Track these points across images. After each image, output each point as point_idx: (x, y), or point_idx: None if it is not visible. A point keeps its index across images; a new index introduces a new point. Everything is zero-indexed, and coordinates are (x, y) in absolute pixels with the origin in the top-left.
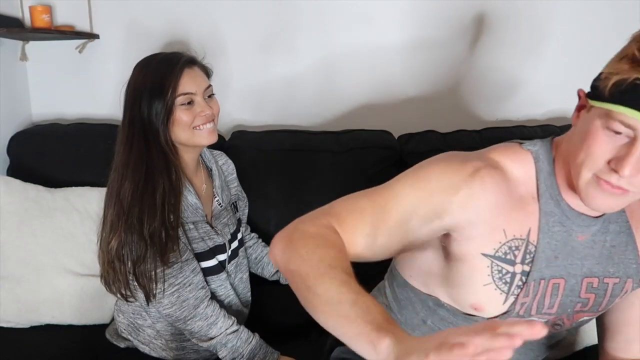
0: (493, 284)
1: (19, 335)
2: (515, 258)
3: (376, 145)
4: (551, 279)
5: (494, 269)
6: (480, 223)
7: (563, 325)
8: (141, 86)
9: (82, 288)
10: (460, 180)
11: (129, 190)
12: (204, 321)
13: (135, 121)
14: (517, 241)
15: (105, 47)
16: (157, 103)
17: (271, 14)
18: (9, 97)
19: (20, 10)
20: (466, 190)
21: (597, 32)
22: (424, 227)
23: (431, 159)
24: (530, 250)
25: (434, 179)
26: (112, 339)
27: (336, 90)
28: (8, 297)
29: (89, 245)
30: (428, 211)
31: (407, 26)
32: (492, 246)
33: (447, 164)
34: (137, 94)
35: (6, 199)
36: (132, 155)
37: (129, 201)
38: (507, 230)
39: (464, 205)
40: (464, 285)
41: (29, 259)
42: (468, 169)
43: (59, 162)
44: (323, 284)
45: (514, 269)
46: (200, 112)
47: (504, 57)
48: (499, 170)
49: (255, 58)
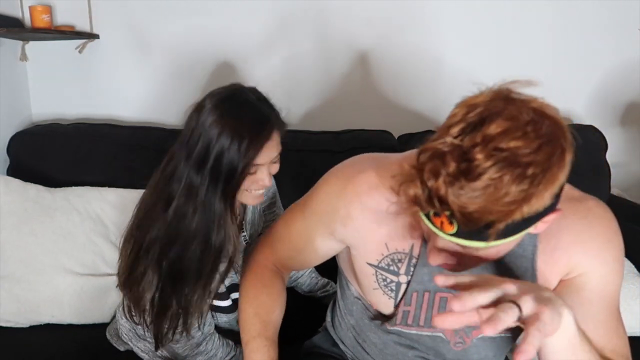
0: (380, 290)
1: (18, 335)
2: (399, 269)
3: (376, 145)
4: (437, 292)
5: (378, 277)
6: (361, 237)
7: (464, 342)
8: (220, 137)
9: (82, 288)
10: (339, 202)
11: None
12: (203, 356)
13: (205, 169)
14: (399, 254)
15: (105, 47)
16: (229, 164)
17: (270, 13)
18: (9, 97)
19: (20, 10)
20: (343, 210)
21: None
22: (326, 242)
23: (325, 176)
24: (413, 263)
25: (320, 201)
26: (112, 340)
27: (336, 90)
28: (8, 296)
29: (88, 245)
30: (322, 231)
31: (409, 28)
32: (375, 257)
33: (330, 185)
34: (212, 142)
35: (6, 199)
36: (190, 202)
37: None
38: (389, 244)
39: (344, 224)
40: (362, 285)
41: (28, 259)
42: (348, 191)
43: (59, 162)
44: (249, 345)
45: (399, 279)
46: (258, 181)
47: (504, 56)
48: (385, 187)
49: (255, 58)
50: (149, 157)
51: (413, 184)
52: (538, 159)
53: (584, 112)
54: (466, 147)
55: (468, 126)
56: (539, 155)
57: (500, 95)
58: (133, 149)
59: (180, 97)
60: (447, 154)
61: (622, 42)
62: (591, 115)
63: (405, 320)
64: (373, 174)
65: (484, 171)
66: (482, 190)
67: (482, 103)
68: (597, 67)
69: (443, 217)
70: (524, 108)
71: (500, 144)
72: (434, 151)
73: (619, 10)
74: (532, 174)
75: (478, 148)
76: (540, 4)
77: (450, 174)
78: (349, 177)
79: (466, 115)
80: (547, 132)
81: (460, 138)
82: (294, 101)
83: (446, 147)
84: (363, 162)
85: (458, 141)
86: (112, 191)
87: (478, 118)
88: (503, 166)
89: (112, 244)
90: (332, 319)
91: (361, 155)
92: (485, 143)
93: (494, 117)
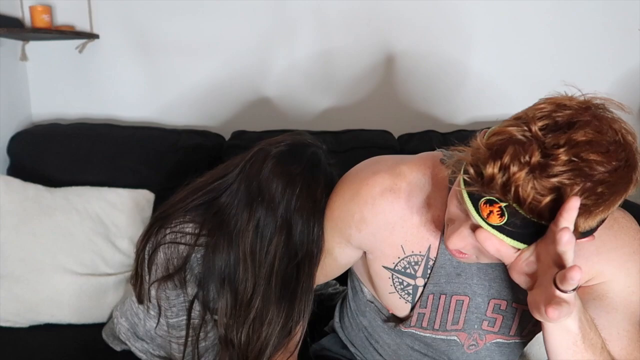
0: (397, 294)
1: (17, 335)
2: (415, 272)
3: (376, 145)
4: (453, 295)
5: (395, 281)
6: (377, 241)
7: (477, 345)
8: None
9: (81, 287)
10: (353, 206)
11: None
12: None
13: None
14: (416, 257)
15: (105, 47)
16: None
17: (269, 14)
18: (9, 97)
19: (20, 10)
20: (358, 215)
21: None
22: (345, 251)
23: (339, 182)
24: (430, 265)
25: (335, 208)
26: (107, 340)
27: (336, 90)
28: (7, 296)
29: (88, 245)
30: (338, 240)
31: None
32: (391, 260)
33: (344, 190)
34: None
35: (5, 198)
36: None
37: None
38: (405, 246)
39: (359, 229)
40: (377, 288)
41: (28, 259)
42: (362, 194)
43: (59, 162)
44: None
45: (415, 282)
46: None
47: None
48: (398, 191)
49: (255, 58)
50: (149, 157)
51: (490, 163)
52: (610, 180)
53: None
54: (548, 144)
55: (555, 125)
56: (612, 177)
57: (590, 105)
58: (133, 149)
59: (180, 97)
60: (528, 143)
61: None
62: None
63: (420, 323)
64: (386, 176)
65: (559, 173)
66: (547, 191)
67: (572, 107)
68: (597, 67)
69: (496, 206)
70: (610, 127)
71: (582, 153)
72: (512, 137)
73: (619, 11)
74: (600, 192)
75: (562, 150)
76: (540, 4)
77: (532, 164)
78: (362, 180)
79: (553, 113)
80: (626, 158)
81: (544, 133)
82: (295, 101)
83: (528, 136)
84: (376, 165)
85: (542, 135)
86: (112, 191)
87: (566, 120)
88: (577, 175)
89: (111, 243)
90: (341, 319)
91: (373, 158)
92: (569, 147)
93: (583, 125)
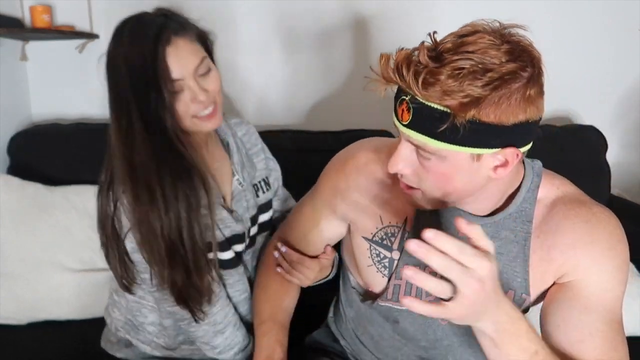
0: (374, 266)
1: (17, 332)
2: (392, 245)
3: None
4: (426, 267)
5: (372, 252)
6: (358, 210)
7: None
8: (121, 70)
9: (80, 284)
10: (340, 176)
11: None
12: (210, 326)
13: (131, 111)
14: (393, 228)
15: (105, 47)
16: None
17: (270, 13)
18: (9, 97)
19: (21, 10)
20: (343, 184)
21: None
22: (331, 223)
23: (331, 160)
24: (405, 237)
25: (325, 180)
26: (106, 347)
27: (336, 90)
28: (6, 294)
29: (86, 242)
30: (326, 212)
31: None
32: (370, 231)
33: (334, 164)
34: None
35: (4, 197)
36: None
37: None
38: (383, 216)
39: (343, 197)
40: (358, 264)
41: (27, 257)
42: (348, 165)
43: (58, 162)
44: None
45: (392, 254)
46: (192, 99)
47: None
48: (381, 162)
49: (255, 57)
50: None
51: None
52: (500, 70)
53: (584, 112)
54: (440, 43)
55: (454, 35)
56: (502, 67)
57: (499, 29)
58: None
59: None
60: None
61: (622, 42)
62: (591, 115)
63: (397, 296)
64: (372, 150)
65: (450, 61)
66: (444, 76)
67: (479, 26)
68: (597, 68)
69: (404, 104)
70: (509, 40)
71: (471, 48)
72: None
73: (619, 11)
74: (490, 77)
75: (448, 41)
76: (540, 4)
77: (418, 49)
78: (350, 154)
79: (458, 31)
80: (519, 58)
81: (441, 40)
82: (295, 101)
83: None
84: (364, 143)
85: (439, 41)
86: None
87: (467, 31)
88: (467, 61)
89: None
90: (335, 314)
91: (363, 139)
92: (460, 44)
93: (481, 33)
